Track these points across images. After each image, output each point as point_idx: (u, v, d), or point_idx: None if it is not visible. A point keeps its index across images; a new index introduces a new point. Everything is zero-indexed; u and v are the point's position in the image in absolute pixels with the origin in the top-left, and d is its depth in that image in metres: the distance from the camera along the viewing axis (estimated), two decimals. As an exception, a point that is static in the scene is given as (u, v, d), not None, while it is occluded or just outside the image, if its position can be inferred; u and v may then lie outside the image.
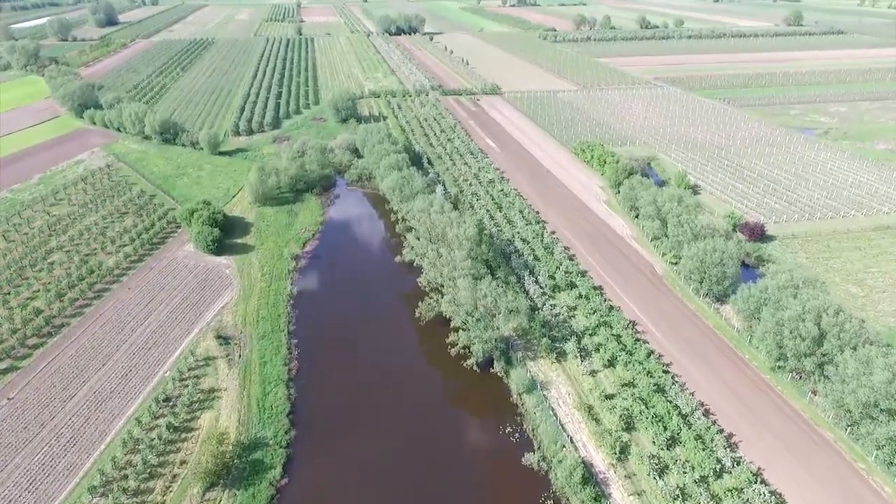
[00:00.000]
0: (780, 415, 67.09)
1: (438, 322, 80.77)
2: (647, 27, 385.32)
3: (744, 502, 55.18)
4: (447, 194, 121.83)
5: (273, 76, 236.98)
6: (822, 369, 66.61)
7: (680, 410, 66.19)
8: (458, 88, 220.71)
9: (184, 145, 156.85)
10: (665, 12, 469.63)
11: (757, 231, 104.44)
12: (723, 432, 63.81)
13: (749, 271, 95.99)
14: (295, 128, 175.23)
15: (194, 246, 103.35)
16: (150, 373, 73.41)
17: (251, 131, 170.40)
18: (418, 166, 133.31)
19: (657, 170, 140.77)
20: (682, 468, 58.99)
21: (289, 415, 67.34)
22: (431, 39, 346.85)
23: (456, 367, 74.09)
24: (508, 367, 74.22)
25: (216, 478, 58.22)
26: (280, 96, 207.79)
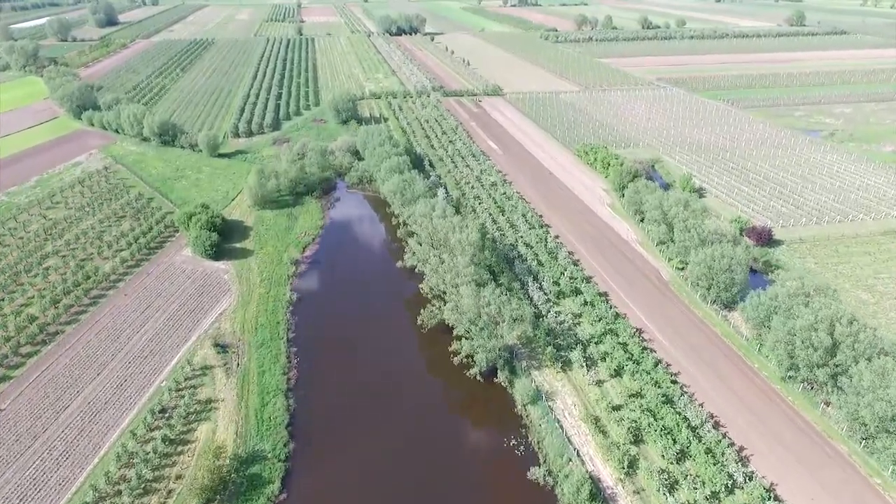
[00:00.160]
0: (792, 427, 65.34)
1: (441, 330, 79.02)
2: (649, 27, 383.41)
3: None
4: (449, 198, 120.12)
5: (273, 77, 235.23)
6: (835, 380, 64.83)
7: (689, 422, 64.46)
8: (459, 89, 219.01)
9: (182, 147, 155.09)
10: (666, 12, 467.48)
11: (764, 235, 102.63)
12: (733, 445, 62.03)
13: (757, 277, 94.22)
14: (295, 129, 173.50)
15: (192, 251, 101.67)
16: (146, 382, 71.69)
17: (251, 133, 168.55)
18: (420, 169, 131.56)
19: (661, 172, 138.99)
20: (693, 483, 57.22)
21: (287, 426, 65.56)
22: (432, 40, 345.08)
23: (459, 376, 72.36)
24: (512, 377, 72.50)
25: (213, 493, 56.48)
26: (280, 97, 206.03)
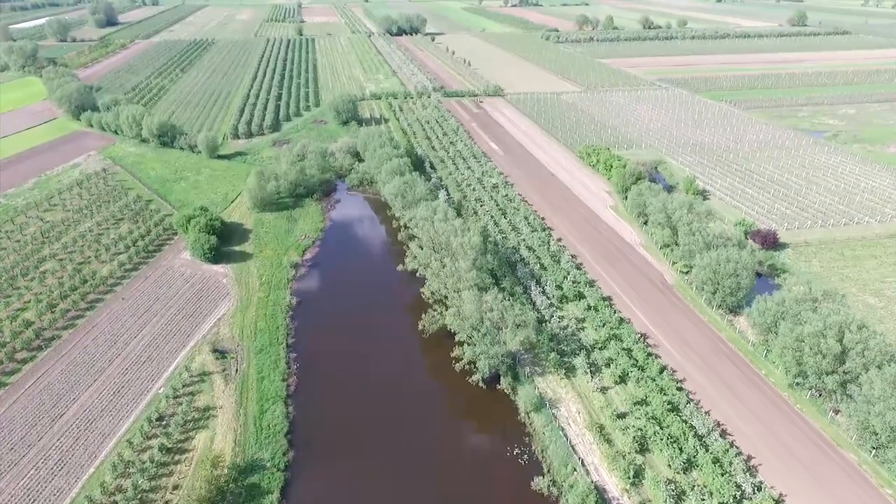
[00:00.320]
0: (801, 435, 64.17)
1: (442, 335, 77.83)
2: (651, 28, 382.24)
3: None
4: (450, 200, 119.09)
5: (273, 77, 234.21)
6: (844, 388, 63.66)
7: (696, 431, 63.31)
8: (460, 90, 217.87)
9: (182, 148, 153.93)
10: (668, 12, 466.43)
11: (769, 239, 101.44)
12: (741, 455, 60.85)
13: (762, 281, 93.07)
14: (295, 130, 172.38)
15: (191, 254, 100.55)
16: (143, 389, 70.59)
17: (251, 134, 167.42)
18: (420, 170, 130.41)
19: (664, 174, 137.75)
20: (700, 494, 56.04)
21: (287, 435, 64.45)
22: (433, 40, 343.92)
23: (461, 382, 71.22)
24: (516, 384, 71.38)
25: (210, 504, 55.45)
26: (280, 98, 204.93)
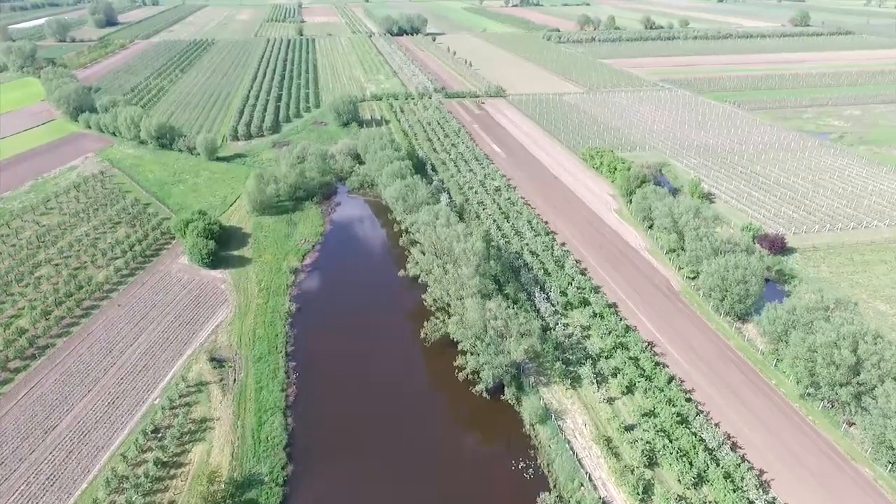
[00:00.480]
0: (814, 448, 62.46)
1: (445, 343, 76.03)
2: (652, 28, 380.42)
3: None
4: (452, 203, 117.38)
5: (273, 78, 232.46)
6: (858, 400, 61.93)
7: (706, 444, 61.56)
8: (461, 91, 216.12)
9: (180, 150, 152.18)
10: (669, 12, 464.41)
11: (777, 244, 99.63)
12: (753, 469, 59.13)
13: (770, 286, 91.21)
14: (295, 132, 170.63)
15: (189, 259, 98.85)
16: (139, 400, 68.88)
17: (250, 136, 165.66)
18: (422, 173, 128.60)
19: (669, 177, 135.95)
20: (712, 511, 54.46)
21: (286, 447, 62.77)
22: (434, 40, 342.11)
23: (464, 393, 69.55)
24: (520, 394, 69.66)
25: (206, 521, 53.81)
26: (280, 99, 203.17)
